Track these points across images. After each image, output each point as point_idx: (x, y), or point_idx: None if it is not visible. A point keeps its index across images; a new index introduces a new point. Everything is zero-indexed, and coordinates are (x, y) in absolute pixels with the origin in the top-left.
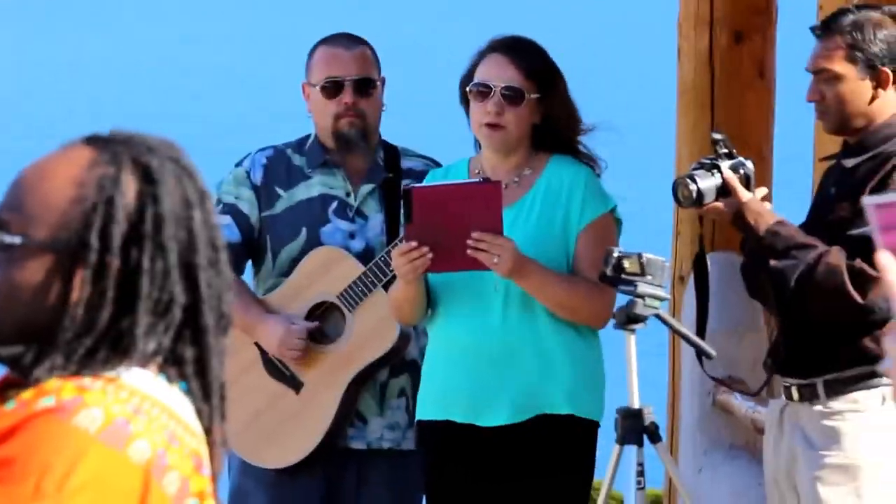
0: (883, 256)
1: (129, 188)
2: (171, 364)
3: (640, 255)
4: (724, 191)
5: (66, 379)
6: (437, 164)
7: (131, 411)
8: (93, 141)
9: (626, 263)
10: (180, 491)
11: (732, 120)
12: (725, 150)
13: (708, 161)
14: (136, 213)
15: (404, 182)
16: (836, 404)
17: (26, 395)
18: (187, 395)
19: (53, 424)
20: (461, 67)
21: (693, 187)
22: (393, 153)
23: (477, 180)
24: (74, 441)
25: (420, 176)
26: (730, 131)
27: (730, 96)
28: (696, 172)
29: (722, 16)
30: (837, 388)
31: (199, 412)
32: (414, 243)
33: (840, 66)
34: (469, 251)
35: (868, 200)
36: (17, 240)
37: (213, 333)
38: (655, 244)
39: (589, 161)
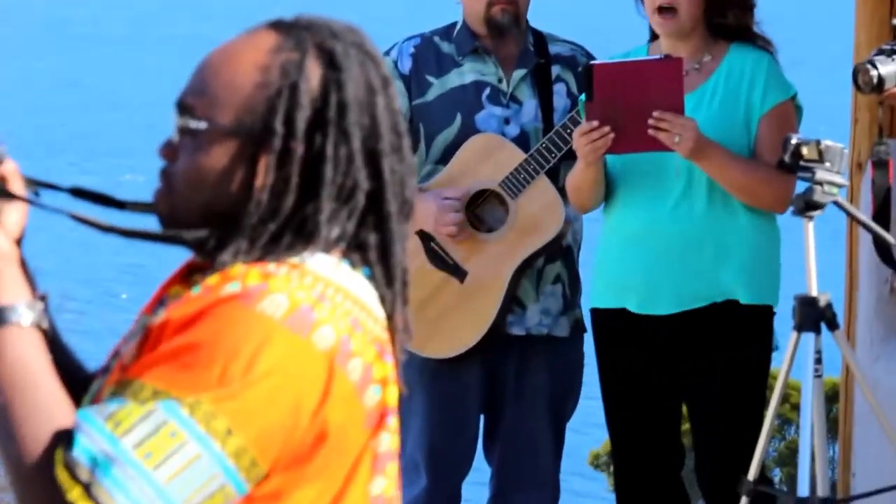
0: None
1: (313, 73)
2: (355, 250)
3: (818, 142)
4: None
5: (251, 265)
6: (584, 49)
7: (316, 297)
8: (277, 25)
9: (805, 150)
10: (363, 377)
11: None
12: None
13: (889, 47)
14: (320, 99)
15: (553, 66)
16: None
17: (212, 280)
18: (370, 281)
19: (239, 310)
20: None
21: (874, 72)
22: (540, 38)
23: (658, 56)
24: (260, 327)
25: (568, 61)
26: None
27: None
28: (876, 58)
29: None
30: None
31: (381, 298)
32: (595, 122)
33: None
34: (650, 131)
35: None
36: (202, 125)
37: (396, 219)
38: (834, 131)
39: (767, 47)
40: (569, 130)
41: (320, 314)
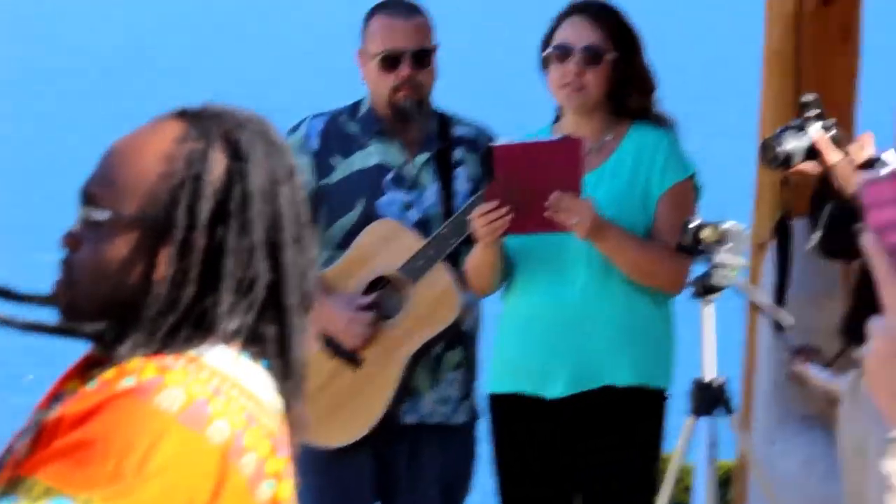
0: (867, 238)
1: (217, 164)
2: (254, 342)
3: (718, 224)
4: (813, 153)
5: (148, 358)
6: (487, 131)
7: (211, 391)
8: (183, 115)
9: (704, 232)
10: (256, 472)
11: (818, 84)
12: (815, 112)
13: (797, 123)
14: (223, 190)
15: (455, 150)
16: None
17: (108, 374)
18: (269, 372)
19: (134, 405)
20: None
21: (781, 148)
22: (445, 121)
23: (558, 137)
24: (155, 422)
25: (471, 143)
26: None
27: (816, 61)
28: (784, 134)
29: None
30: (854, 355)
31: (280, 390)
32: (494, 203)
33: None
34: (547, 212)
35: (860, 178)
36: (105, 215)
37: (296, 312)
38: (736, 209)
39: (668, 126)
40: (467, 216)
41: (215, 408)
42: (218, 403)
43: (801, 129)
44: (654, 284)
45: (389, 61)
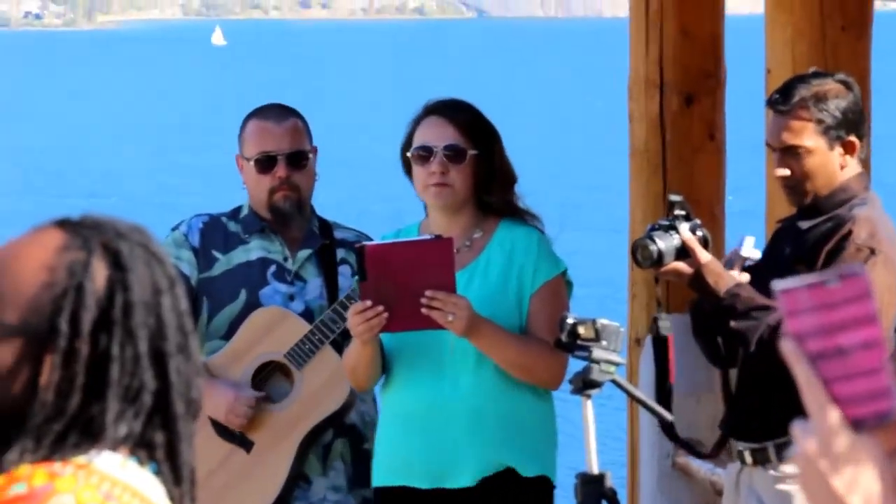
0: (786, 344)
1: (98, 274)
2: (142, 447)
3: (594, 321)
4: (683, 252)
5: (37, 465)
6: (368, 236)
7: (102, 497)
8: (64, 224)
9: (581, 329)
10: None
11: (684, 181)
12: (683, 212)
13: (666, 222)
14: (105, 300)
15: (339, 251)
16: (788, 468)
17: None
18: (158, 477)
19: None
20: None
21: (653, 248)
22: (325, 224)
23: (429, 237)
24: None
25: (353, 245)
26: (682, 192)
27: (681, 158)
28: (654, 233)
29: (672, 79)
30: (789, 452)
31: (169, 495)
32: (368, 302)
33: (810, 140)
34: (423, 309)
35: (775, 285)
36: None
37: (183, 419)
38: (609, 306)
39: (536, 222)
40: (352, 301)
41: None
42: None
43: (669, 228)
44: (533, 380)
45: (265, 163)
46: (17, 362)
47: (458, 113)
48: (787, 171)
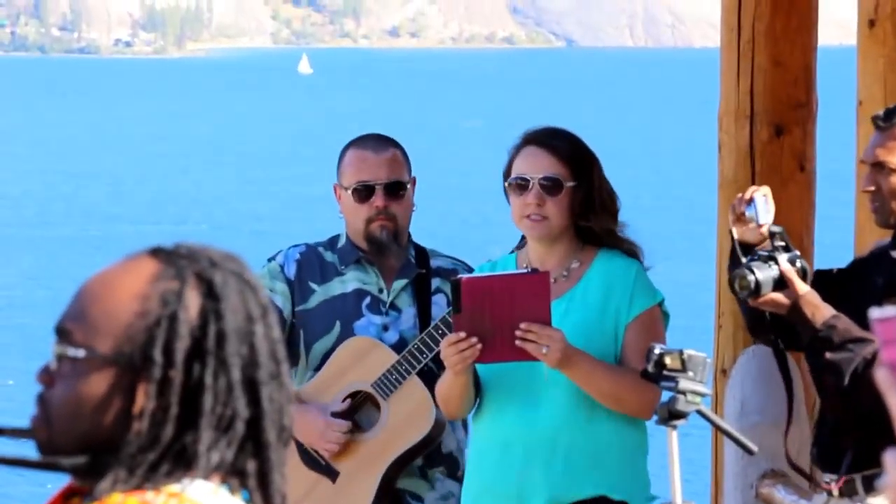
0: (881, 373)
1: (192, 303)
2: (234, 475)
3: (681, 352)
4: (782, 283)
5: (129, 493)
6: (465, 264)
7: None
8: (157, 253)
9: (668, 360)
10: None
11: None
12: (783, 243)
13: (765, 253)
14: (198, 329)
15: (434, 280)
16: (876, 501)
17: None
18: None
19: None
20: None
21: (751, 278)
22: (422, 252)
23: (525, 270)
24: None
25: (449, 274)
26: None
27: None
28: (753, 264)
29: (762, 109)
30: (878, 483)
31: None
32: (462, 333)
33: None
34: (517, 342)
35: (871, 314)
36: (80, 353)
37: (275, 447)
38: (696, 336)
39: (635, 253)
40: (440, 331)
41: None
42: None
43: (769, 259)
44: (624, 410)
45: (362, 193)
46: (109, 391)
47: (555, 143)
48: (872, 187)
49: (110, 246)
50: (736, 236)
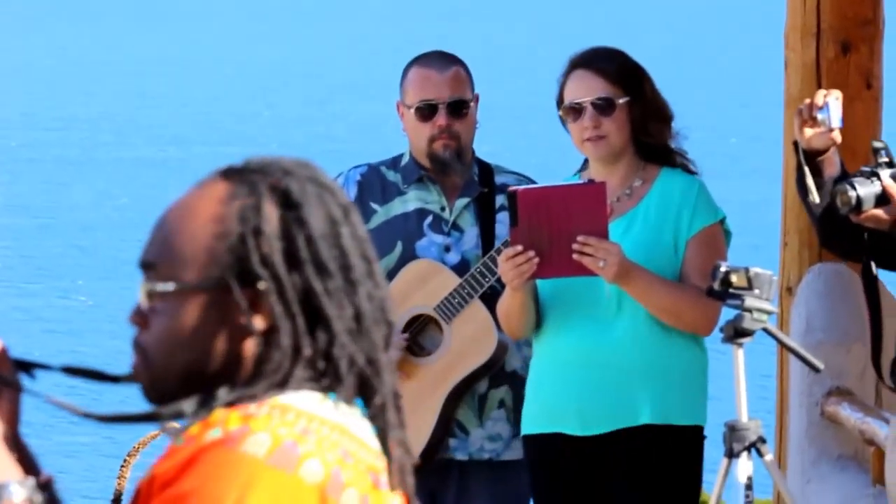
0: None
1: (271, 215)
2: (339, 380)
3: (747, 270)
4: (884, 198)
5: (230, 409)
6: (531, 180)
7: (299, 432)
8: (228, 173)
9: (734, 277)
10: None
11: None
12: (886, 159)
13: (868, 169)
14: (285, 239)
15: (498, 197)
16: None
17: (193, 430)
18: (363, 411)
19: (222, 455)
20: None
21: (852, 194)
22: (487, 169)
23: (581, 181)
24: (244, 468)
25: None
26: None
27: None
28: (855, 180)
29: (828, 27)
30: None
31: (374, 424)
32: (520, 247)
33: None
34: (574, 255)
35: None
36: (169, 286)
37: (381, 347)
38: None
39: (696, 172)
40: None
41: (306, 448)
42: (308, 443)
43: (871, 175)
44: (684, 326)
45: (425, 111)
46: (204, 320)
47: (603, 62)
48: None
49: (185, 168)
50: (802, 145)
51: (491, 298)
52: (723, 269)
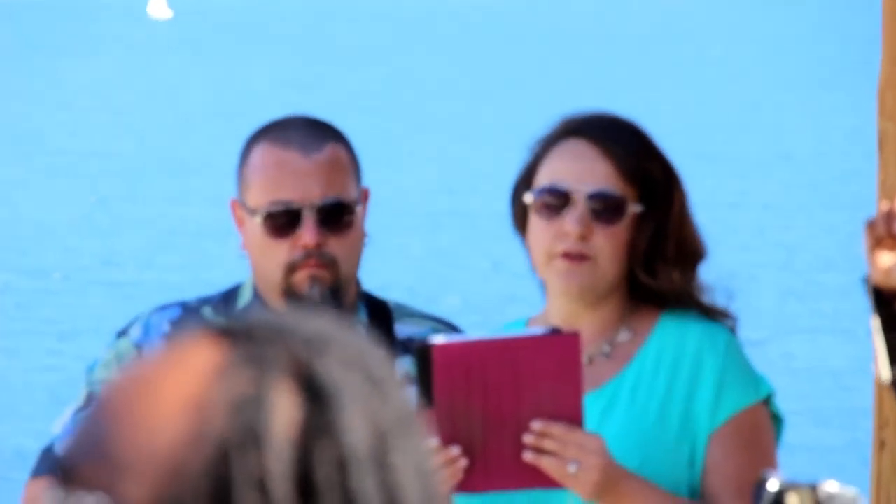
0: None
1: (284, 413)
2: None
3: (814, 488)
4: None
5: None
6: (454, 328)
7: None
8: (227, 333)
9: (792, 499)
10: None
11: None
12: None
13: None
14: (300, 456)
15: (401, 360)
16: None
17: None
18: None
19: None
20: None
21: None
22: (382, 314)
23: (541, 330)
24: None
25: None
26: None
27: None
28: None
29: None
30: None
31: None
32: (435, 441)
33: None
34: (527, 454)
35: None
36: (99, 502)
37: None
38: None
39: (721, 318)
40: None
41: None
42: None
43: None
44: None
45: (280, 221)
46: None
47: (616, 140)
48: None
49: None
50: (876, 278)
51: None
52: (771, 486)
